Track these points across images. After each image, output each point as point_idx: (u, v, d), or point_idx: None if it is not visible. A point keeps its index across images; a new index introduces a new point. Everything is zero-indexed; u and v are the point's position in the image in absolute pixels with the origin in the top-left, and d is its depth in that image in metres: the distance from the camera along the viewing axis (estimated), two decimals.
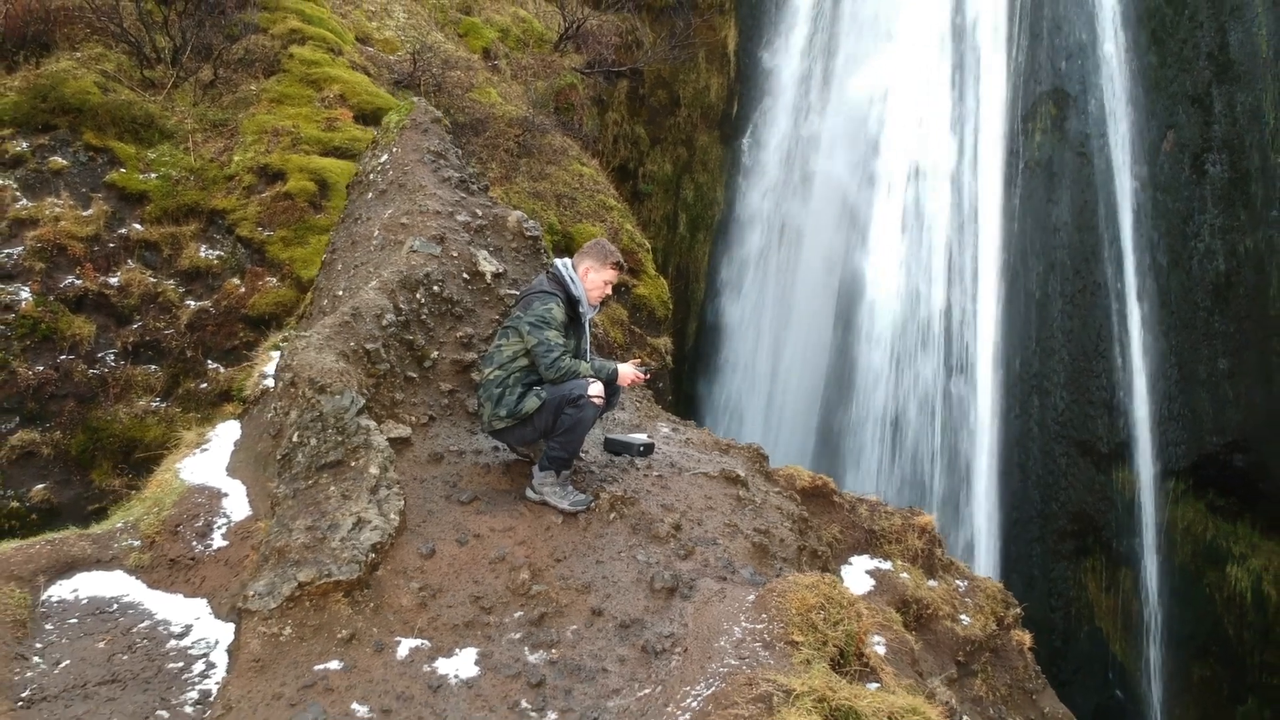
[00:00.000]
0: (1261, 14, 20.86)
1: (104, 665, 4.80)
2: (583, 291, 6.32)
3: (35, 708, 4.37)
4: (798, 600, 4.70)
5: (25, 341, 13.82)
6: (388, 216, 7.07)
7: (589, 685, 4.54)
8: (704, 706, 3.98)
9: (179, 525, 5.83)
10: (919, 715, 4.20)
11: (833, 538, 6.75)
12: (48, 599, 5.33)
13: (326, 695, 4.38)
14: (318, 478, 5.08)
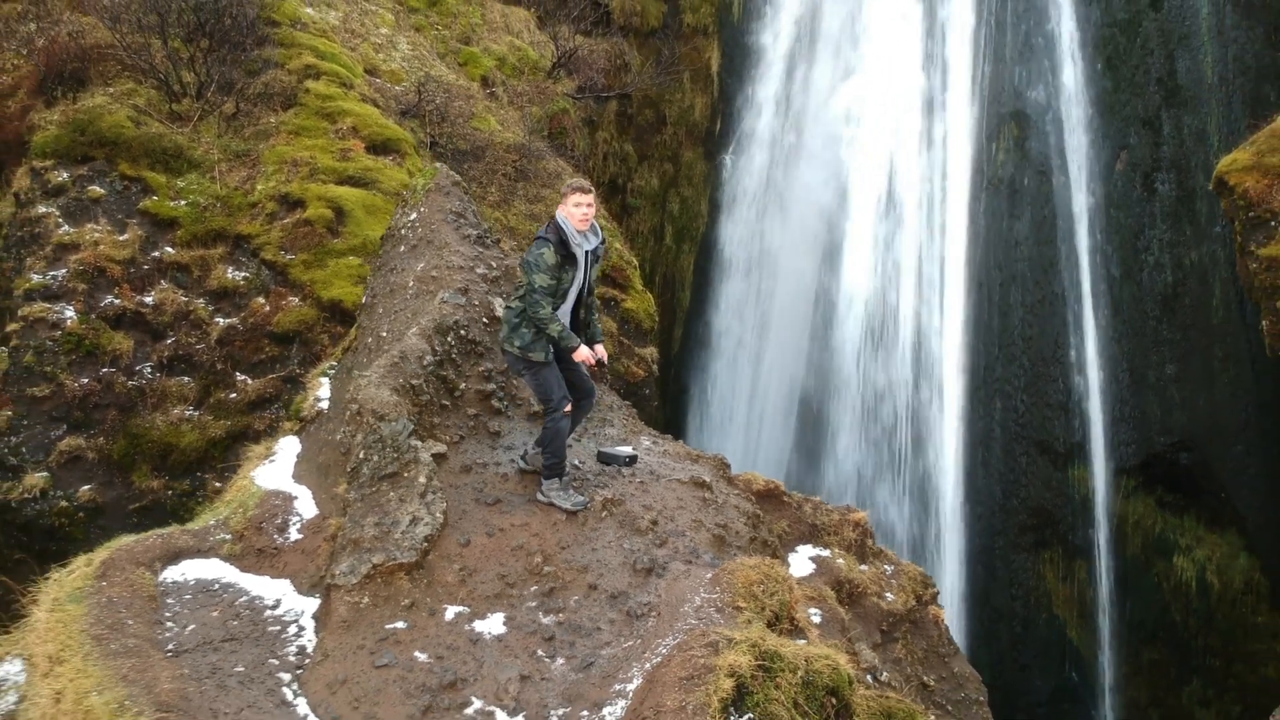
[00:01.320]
0: (1207, 43, 22.53)
1: (221, 628, 6.36)
2: (567, 221, 7.87)
3: (180, 657, 5.92)
4: (743, 577, 6.32)
5: (71, 356, 15.33)
6: (420, 269, 8.69)
7: (587, 639, 6.16)
8: (670, 652, 5.59)
9: (262, 522, 7.41)
10: (829, 660, 5.83)
11: (782, 530, 8.37)
12: (164, 580, 6.89)
13: (396, 646, 5.98)
14: (379, 485, 6.67)
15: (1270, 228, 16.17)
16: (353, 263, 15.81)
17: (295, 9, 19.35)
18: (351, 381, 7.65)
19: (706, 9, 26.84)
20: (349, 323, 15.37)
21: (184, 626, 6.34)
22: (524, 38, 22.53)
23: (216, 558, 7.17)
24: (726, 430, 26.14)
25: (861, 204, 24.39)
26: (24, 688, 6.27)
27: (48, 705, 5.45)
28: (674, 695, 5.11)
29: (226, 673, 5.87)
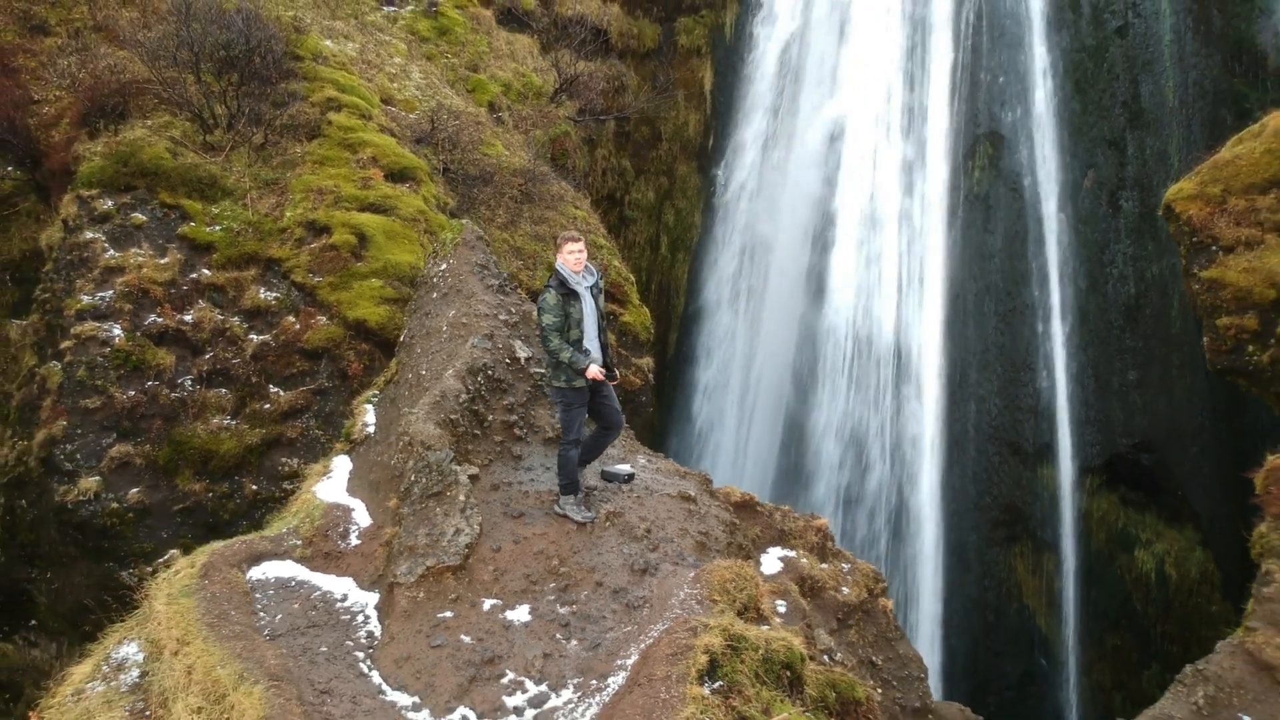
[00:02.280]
0: (1169, 68, 24.18)
1: (303, 617, 8.03)
2: (564, 267, 9.54)
3: (277, 640, 7.60)
4: (719, 576, 8.02)
5: (119, 371, 16.92)
6: (452, 316, 10.37)
7: (595, 625, 7.84)
8: (660, 635, 7.28)
9: (326, 530, 9.08)
10: (785, 641, 7.53)
11: (755, 535, 10.03)
12: (251, 578, 8.57)
13: (446, 631, 7.66)
14: (428, 503, 8.35)
15: (1211, 252, 17.87)
16: (375, 285, 17.41)
17: (316, 43, 20.95)
18: (397, 412, 9.37)
19: (700, 31, 28.48)
20: (373, 340, 17.02)
21: (274, 616, 8.02)
22: (528, 64, 24.15)
23: (290, 560, 8.84)
24: (720, 426, 27.87)
25: (846, 217, 26.04)
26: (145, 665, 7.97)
27: (181, 676, 7.13)
28: (662, 667, 6.81)
29: (314, 652, 7.55)
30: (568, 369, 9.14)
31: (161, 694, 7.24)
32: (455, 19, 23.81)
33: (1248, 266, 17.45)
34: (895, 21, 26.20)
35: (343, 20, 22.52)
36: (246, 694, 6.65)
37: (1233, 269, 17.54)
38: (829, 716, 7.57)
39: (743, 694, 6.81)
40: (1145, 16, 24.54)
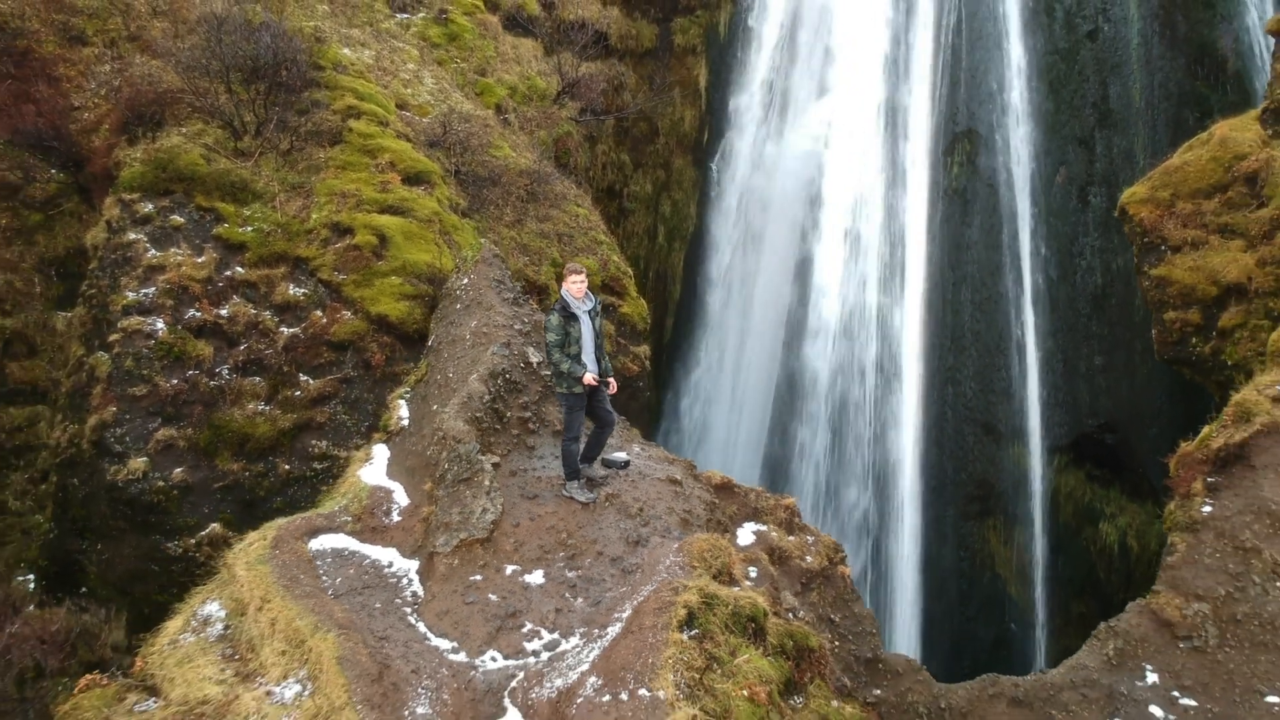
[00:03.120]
0: (1136, 71, 25.87)
1: (358, 579, 9.88)
2: (568, 293, 11.35)
3: (340, 598, 9.44)
4: (698, 546, 9.87)
5: (162, 361, 18.72)
6: (473, 326, 12.20)
7: (597, 587, 9.68)
8: (649, 594, 9.13)
9: (372, 508, 10.92)
10: (750, 599, 9.41)
11: (732, 513, 11.86)
12: (312, 549, 10.42)
13: (476, 590, 9.51)
14: (458, 487, 10.19)
15: (1160, 251, 19.66)
16: (395, 282, 19.21)
17: (336, 53, 22.64)
18: (428, 409, 11.23)
19: (695, 31, 30.14)
20: (393, 333, 18.81)
21: (334, 579, 9.87)
22: (532, 67, 25.83)
23: (343, 533, 10.69)
24: (711, 406, 29.74)
25: (832, 209, 27.80)
26: (228, 620, 9.85)
27: (265, 627, 9.00)
28: (650, 619, 8.69)
29: (370, 607, 9.40)
30: (568, 377, 10.96)
31: (249, 641, 9.11)
32: (464, 25, 25.50)
33: (1193, 265, 19.22)
34: (880, 25, 27.85)
35: (359, 28, 24.19)
36: (322, 639, 8.51)
37: (1179, 267, 19.32)
38: (786, 660, 9.42)
39: (714, 639, 8.69)
40: (1115, 21, 26.21)
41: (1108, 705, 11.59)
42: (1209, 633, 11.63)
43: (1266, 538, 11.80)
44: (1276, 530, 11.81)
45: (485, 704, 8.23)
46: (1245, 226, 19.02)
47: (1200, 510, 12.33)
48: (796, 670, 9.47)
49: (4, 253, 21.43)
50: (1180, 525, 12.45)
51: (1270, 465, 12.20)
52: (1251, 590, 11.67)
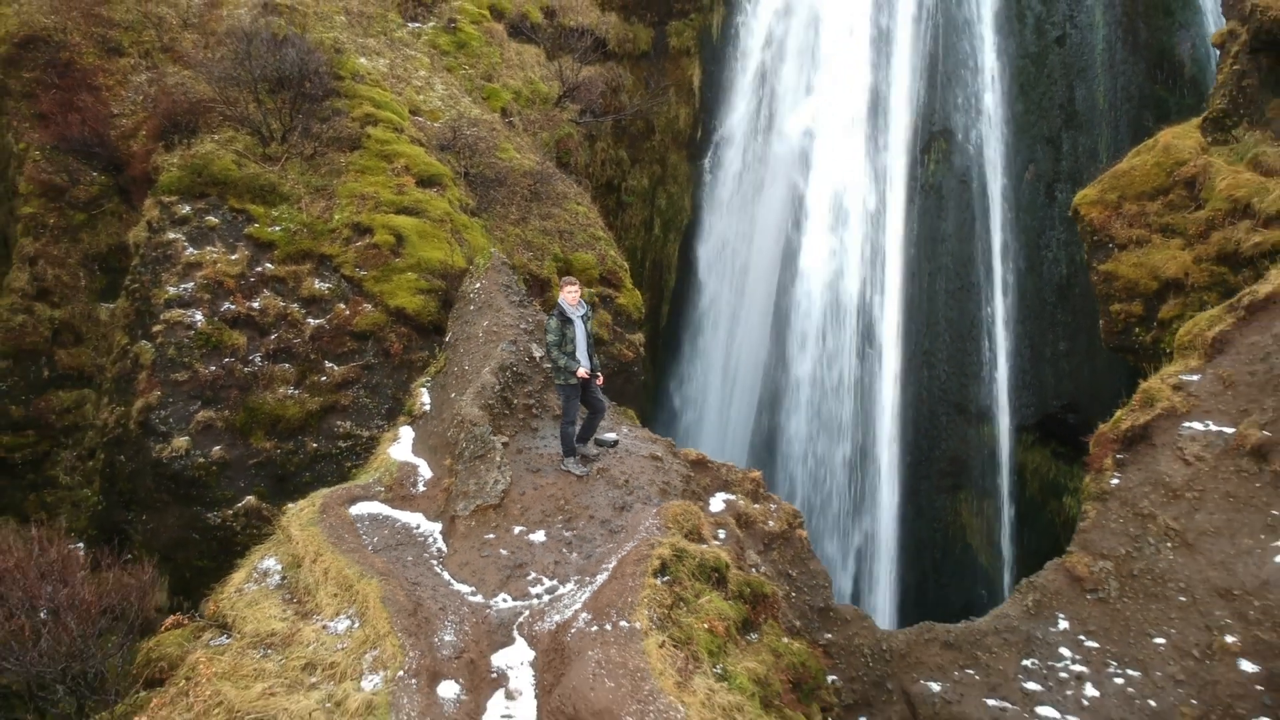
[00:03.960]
0: (1100, 75, 27.85)
1: (392, 538, 12.03)
2: (564, 302, 13.46)
3: (379, 552, 11.61)
4: (673, 511, 12.04)
5: (201, 349, 20.85)
6: (485, 325, 14.33)
7: (588, 544, 11.85)
8: (631, 549, 11.31)
9: (401, 480, 13.08)
10: (714, 554, 11.60)
11: (705, 484, 13.98)
12: (352, 513, 12.59)
13: (489, 545, 11.68)
14: (474, 462, 12.33)
15: (1108, 249, 21.73)
16: (411, 278, 21.31)
17: (354, 63, 24.70)
18: (446, 396, 13.41)
19: (689, 33, 32.15)
20: (410, 324, 20.92)
21: (373, 538, 12.04)
22: (535, 71, 27.88)
23: (377, 501, 12.85)
24: (706, 386, 31.92)
25: (817, 203, 29.86)
26: (284, 572, 12.03)
27: (319, 576, 11.18)
28: (631, 568, 10.86)
29: (404, 560, 11.57)
30: (565, 371, 13.10)
31: (305, 588, 11.30)
32: (471, 33, 27.55)
33: (1137, 262, 21.30)
34: (862, 29, 29.83)
35: (374, 38, 26.25)
36: (367, 584, 10.69)
37: (1124, 263, 21.40)
38: (744, 604, 11.56)
39: (682, 585, 10.86)
40: (1081, 28, 28.18)
41: (1025, 647, 13.80)
42: (1111, 586, 13.81)
43: (1161, 505, 13.96)
44: (1169, 499, 13.97)
45: (498, 635, 10.40)
46: (1184, 226, 21.05)
47: (1109, 482, 14.49)
48: (753, 612, 11.63)
49: (52, 249, 23.56)
50: (1092, 495, 14.61)
51: (1168, 444, 14.35)
52: (1147, 550, 13.83)
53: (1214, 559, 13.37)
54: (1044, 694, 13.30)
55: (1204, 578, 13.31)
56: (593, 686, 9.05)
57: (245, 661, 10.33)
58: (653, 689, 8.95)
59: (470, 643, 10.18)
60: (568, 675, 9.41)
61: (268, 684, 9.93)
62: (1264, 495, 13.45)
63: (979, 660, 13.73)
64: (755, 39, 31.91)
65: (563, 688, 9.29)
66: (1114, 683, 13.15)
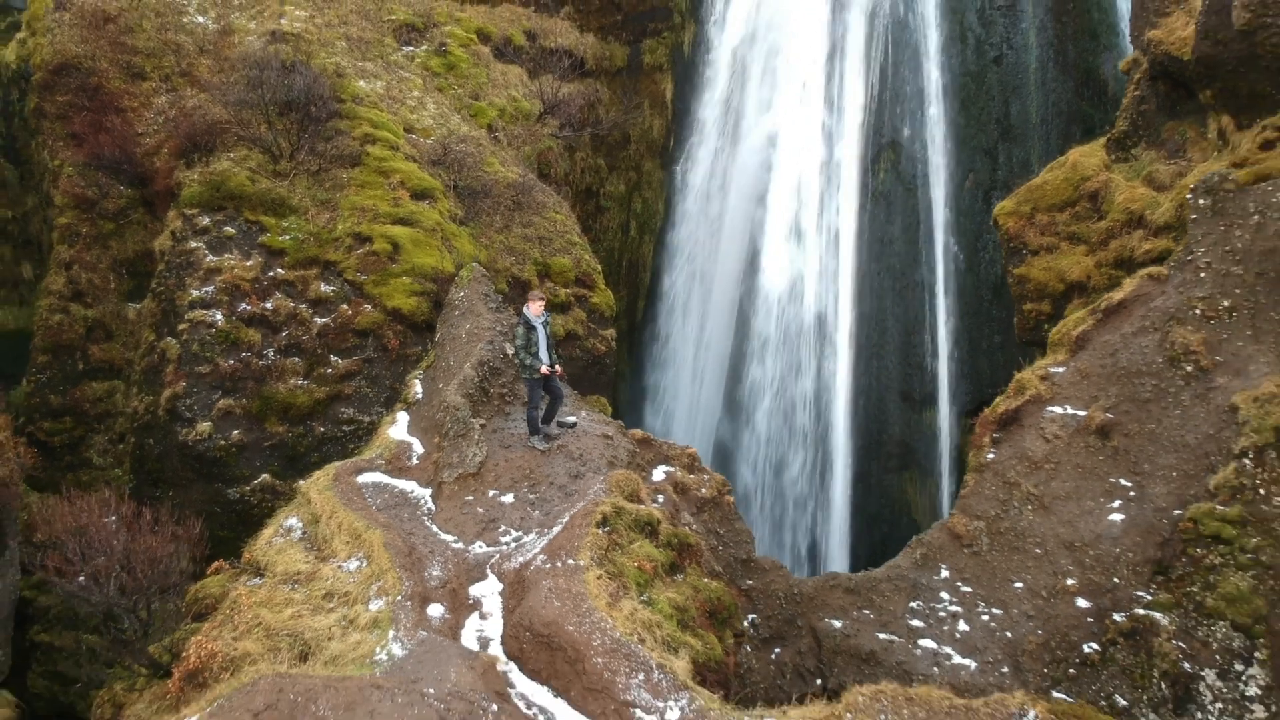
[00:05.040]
0: (1034, 92, 30.94)
1: (391, 500, 15.15)
2: (529, 312, 16.53)
3: (382, 511, 14.71)
4: (616, 478, 15.20)
5: (221, 345, 23.90)
6: (467, 328, 17.46)
7: (548, 504, 14.95)
8: (580, 507, 14.47)
9: (399, 455, 16.22)
10: (648, 511, 14.79)
11: (649, 459, 17.09)
12: (358, 481, 15.74)
13: (469, 504, 14.81)
14: (457, 440, 15.46)
15: (1022, 255, 24.85)
16: (406, 281, 24.39)
17: (354, 87, 27.77)
18: (435, 387, 16.56)
19: (662, 50, 35.25)
20: (405, 323, 23.99)
21: (376, 500, 15.18)
22: (518, 90, 30.95)
23: (379, 471, 15.99)
24: (678, 374, 35.07)
25: (778, 208, 32.98)
26: (304, 528, 15.18)
27: (334, 529, 14.31)
28: (579, 521, 14.02)
29: (401, 516, 14.72)
30: (530, 368, 16.26)
31: (323, 538, 14.45)
32: (460, 56, 30.63)
33: (1046, 266, 24.41)
34: (819, 48, 32.90)
35: (372, 61, 29.32)
36: (373, 533, 13.84)
37: (1036, 268, 24.51)
38: (672, 551, 14.68)
39: (619, 534, 14.02)
40: (1017, 49, 31.27)
41: (912, 592, 16.98)
42: (983, 542, 16.99)
43: (1025, 475, 17.13)
44: (1031, 470, 17.14)
45: (475, 572, 13.55)
46: (1088, 235, 24.15)
47: (986, 457, 17.66)
48: (679, 558, 14.78)
49: (85, 255, 26.65)
50: (974, 468, 17.78)
51: (1033, 425, 17.51)
52: (1012, 512, 17.02)
53: (1063, 518, 16.56)
54: (925, 629, 16.47)
55: (1055, 534, 16.49)
56: (544, 605, 12.21)
57: (277, 594, 13.49)
58: (589, 607, 12.10)
59: (453, 577, 13.34)
60: (526, 599, 12.57)
61: (296, 609, 13.10)
62: (1105, 466, 16.64)
63: (874, 602, 16.91)
64: (723, 56, 35.00)
65: (522, 608, 12.45)
66: (981, 619, 16.34)
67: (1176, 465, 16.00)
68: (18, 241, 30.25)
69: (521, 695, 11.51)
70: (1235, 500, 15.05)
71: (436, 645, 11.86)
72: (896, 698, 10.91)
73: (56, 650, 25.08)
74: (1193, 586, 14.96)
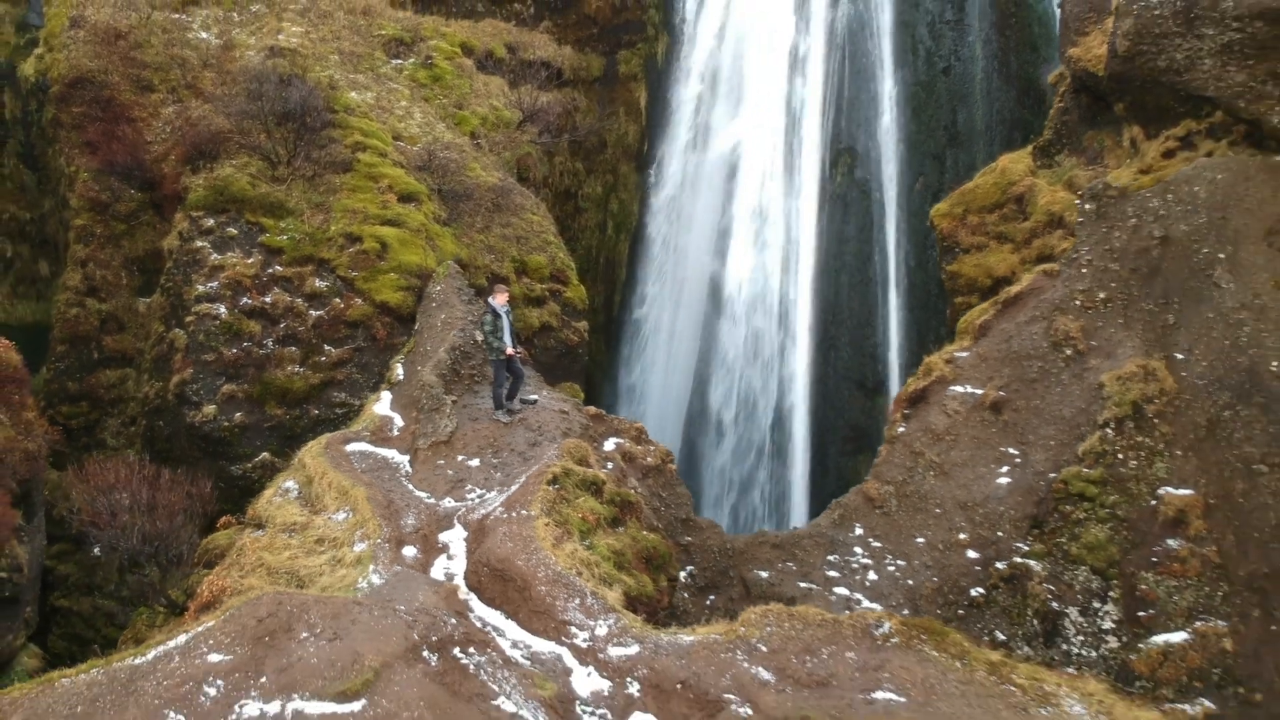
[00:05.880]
0: (979, 101, 33.60)
1: (375, 464, 17.74)
2: (495, 303, 19.19)
3: (366, 473, 17.35)
4: (568, 446, 17.87)
5: (224, 336, 26.53)
6: (443, 318, 20.14)
7: (509, 467, 17.59)
8: (535, 469, 17.15)
9: (382, 427, 18.87)
10: (594, 473, 17.49)
11: (601, 431, 19.72)
12: (347, 449, 18.40)
13: (441, 467, 17.47)
14: (431, 413, 18.08)
15: (955, 253, 27.51)
16: (393, 277, 27.01)
17: (346, 98, 30.45)
18: (414, 369, 19.27)
19: (636, 60, 37.94)
20: (392, 315, 26.60)
21: (361, 464, 17.84)
22: (499, 99, 33.62)
23: (365, 442, 18.67)
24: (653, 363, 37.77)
25: (742, 209, 35.67)
26: (299, 489, 17.89)
27: (325, 487, 16.97)
28: (533, 480, 16.71)
29: (382, 477, 17.37)
30: (495, 350, 18.94)
31: (315, 496, 17.13)
32: (445, 68, 33.30)
33: (976, 263, 27.07)
34: (782, 59, 35.59)
35: (363, 74, 31.99)
36: (358, 490, 16.51)
37: (967, 264, 27.17)
38: (615, 508, 17.32)
39: (567, 490, 16.69)
40: (964, 60, 33.94)
41: (830, 546, 19.67)
42: (892, 504, 19.68)
43: (928, 445, 19.82)
44: (934, 441, 19.82)
45: (444, 522, 16.23)
46: (1014, 234, 26.81)
47: (897, 430, 20.34)
48: (621, 513, 17.44)
49: (99, 254, 29.29)
50: (887, 440, 20.47)
51: (937, 402, 20.19)
52: (916, 477, 19.70)
53: (960, 482, 19.26)
54: (840, 579, 19.16)
55: (952, 495, 19.19)
56: (499, 546, 14.89)
57: (277, 541, 16.20)
58: (536, 547, 14.78)
59: (425, 525, 16.03)
60: (485, 542, 15.25)
61: (292, 552, 15.80)
62: (996, 437, 19.33)
63: (796, 556, 19.61)
64: (694, 66, 37.71)
65: (481, 549, 15.14)
66: (888, 570, 19.03)
67: (1055, 435, 18.70)
68: (35, 241, 32.91)
69: (478, 617, 14.19)
70: (1099, 464, 17.75)
71: (409, 577, 14.56)
72: (781, 614, 13.58)
73: (75, 614, 27.76)
74: (1061, 538, 17.65)
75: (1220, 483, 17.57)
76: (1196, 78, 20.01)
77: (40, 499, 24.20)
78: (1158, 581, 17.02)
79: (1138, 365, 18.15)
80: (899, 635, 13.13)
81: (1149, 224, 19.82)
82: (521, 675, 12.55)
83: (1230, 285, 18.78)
